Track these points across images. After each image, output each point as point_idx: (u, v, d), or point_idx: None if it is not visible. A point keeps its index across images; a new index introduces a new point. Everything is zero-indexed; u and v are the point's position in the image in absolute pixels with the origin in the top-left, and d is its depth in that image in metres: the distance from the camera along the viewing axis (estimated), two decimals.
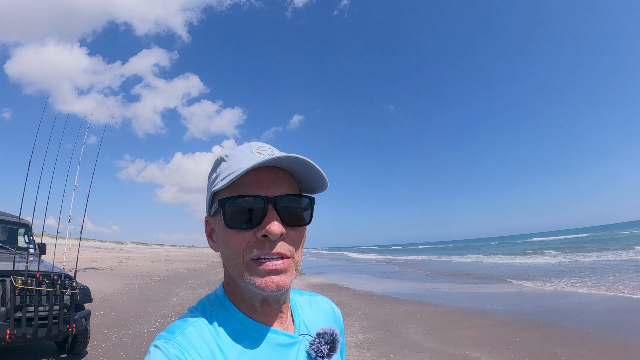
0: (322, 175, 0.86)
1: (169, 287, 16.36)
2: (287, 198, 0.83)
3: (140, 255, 46.72)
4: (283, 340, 0.89)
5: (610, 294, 11.78)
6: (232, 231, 0.82)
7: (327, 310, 1.09)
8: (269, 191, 0.82)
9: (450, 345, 7.35)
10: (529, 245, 60.40)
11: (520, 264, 27.25)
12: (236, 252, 0.82)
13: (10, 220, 7.90)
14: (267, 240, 0.80)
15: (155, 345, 0.77)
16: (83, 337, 6.47)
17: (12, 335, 5.23)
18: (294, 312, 0.99)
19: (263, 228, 0.79)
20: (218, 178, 0.85)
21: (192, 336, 0.80)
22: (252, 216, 0.80)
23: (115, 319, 9.37)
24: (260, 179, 0.82)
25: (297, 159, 0.81)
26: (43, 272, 5.80)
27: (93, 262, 26.25)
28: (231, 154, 0.87)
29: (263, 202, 0.80)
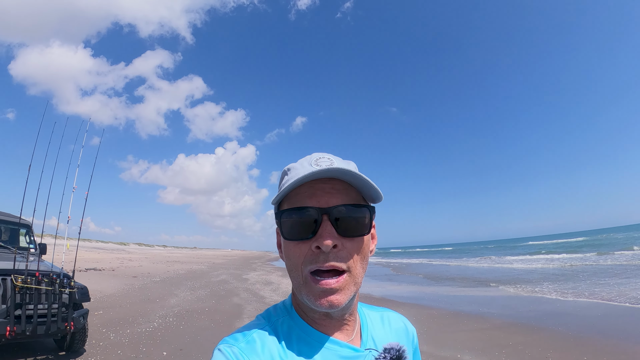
0: (373, 186, 0.84)
1: (169, 288, 16.44)
2: (342, 208, 0.82)
3: (141, 257, 46.83)
4: (346, 352, 0.88)
5: (604, 299, 11.80)
6: (290, 243, 0.83)
7: (400, 327, 1.07)
8: (324, 202, 0.82)
9: (443, 348, 7.41)
10: (525, 249, 60.25)
11: (517, 268, 27.24)
12: (295, 265, 0.83)
13: (11, 220, 8.04)
14: (321, 253, 0.80)
15: (218, 349, 0.81)
16: (81, 335, 6.58)
17: (12, 332, 5.35)
18: (362, 326, 0.98)
19: (316, 240, 0.80)
20: (280, 189, 0.87)
21: (256, 343, 0.82)
22: (307, 227, 0.81)
23: (114, 319, 9.48)
24: (316, 190, 0.82)
25: (341, 170, 0.80)
26: (42, 271, 5.93)
27: (94, 263, 26.36)
28: (292, 167, 0.89)
29: (317, 213, 0.80)
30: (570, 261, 28.85)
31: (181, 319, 9.82)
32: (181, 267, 31.03)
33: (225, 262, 47.71)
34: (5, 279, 5.72)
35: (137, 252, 64.94)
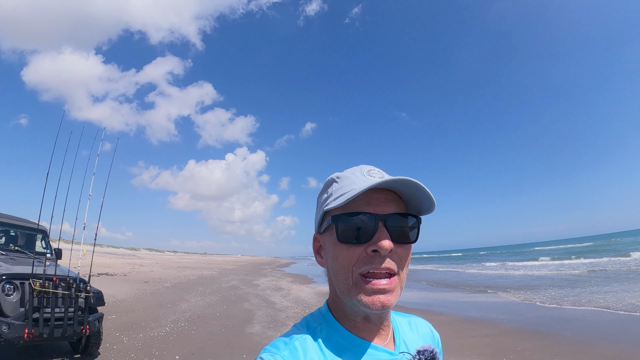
0: (431, 197, 0.89)
1: (180, 294, 16.61)
2: (396, 217, 0.88)
3: (152, 262, 47.13)
4: (384, 356, 0.92)
5: (612, 305, 11.75)
6: (343, 246, 0.86)
7: (427, 332, 1.11)
8: (380, 209, 0.87)
9: (451, 354, 7.47)
10: (532, 254, 59.69)
11: (526, 274, 27.06)
12: (345, 267, 0.86)
13: (28, 226, 8.24)
14: (377, 256, 0.84)
15: (260, 358, 0.83)
16: (96, 339, 6.75)
17: (30, 335, 5.53)
18: (395, 331, 1.02)
19: (374, 243, 0.84)
20: (330, 198, 0.91)
21: (298, 351, 0.85)
22: (364, 232, 0.85)
23: (127, 323, 9.65)
24: (371, 199, 0.87)
25: (408, 181, 0.85)
26: (59, 276, 6.12)
27: (106, 268, 26.60)
28: (343, 176, 0.94)
29: (374, 219, 0.85)
30: (579, 267, 28.59)
31: (193, 324, 9.96)
32: (192, 273, 31.26)
33: (235, 267, 47.86)
34: (23, 282, 5.91)
35: (148, 258, 65.32)
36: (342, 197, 0.87)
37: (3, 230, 8.23)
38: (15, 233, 8.25)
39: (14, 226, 8.22)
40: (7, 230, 8.24)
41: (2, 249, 7.46)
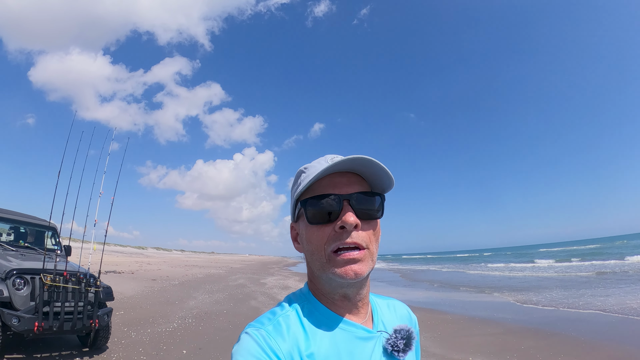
0: (388, 174, 0.96)
1: (188, 291, 16.76)
2: (359, 195, 0.95)
3: (160, 260, 47.42)
4: (361, 333, 0.97)
5: (615, 306, 11.72)
6: (314, 227, 0.94)
7: (404, 314, 1.17)
8: (343, 190, 0.94)
9: (456, 351, 7.51)
10: (537, 256, 59.28)
11: (531, 274, 26.96)
12: (318, 246, 0.93)
13: (39, 223, 8.39)
14: (345, 232, 0.91)
15: (245, 332, 0.89)
16: (104, 333, 6.87)
17: (40, 328, 5.67)
18: (374, 311, 1.08)
19: (340, 220, 0.91)
20: (299, 186, 0.98)
21: (281, 326, 0.90)
22: (330, 212, 0.93)
23: (135, 319, 9.79)
24: (335, 182, 0.95)
25: (362, 159, 0.92)
26: (70, 271, 6.25)
27: (114, 266, 26.83)
28: (309, 166, 1.01)
29: (339, 199, 0.93)
30: (582, 268, 28.46)
31: (200, 320, 10.07)
32: (199, 271, 31.46)
33: (242, 266, 48.03)
34: (34, 277, 6.04)
35: (156, 256, 65.66)
36: (305, 182, 0.95)
37: (13, 227, 8.38)
38: (25, 230, 8.39)
39: (25, 223, 8.37)
40: (17, 227, 8.39)
41: (13, 246, 7.60)
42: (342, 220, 0.90)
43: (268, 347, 0.84)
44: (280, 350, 0.85)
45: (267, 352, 0.83)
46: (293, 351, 0.86)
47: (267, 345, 0.84)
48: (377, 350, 0.98)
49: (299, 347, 0.88)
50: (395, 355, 1.00)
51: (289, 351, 0.86)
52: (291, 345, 0.87)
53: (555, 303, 13.11)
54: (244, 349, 0.84)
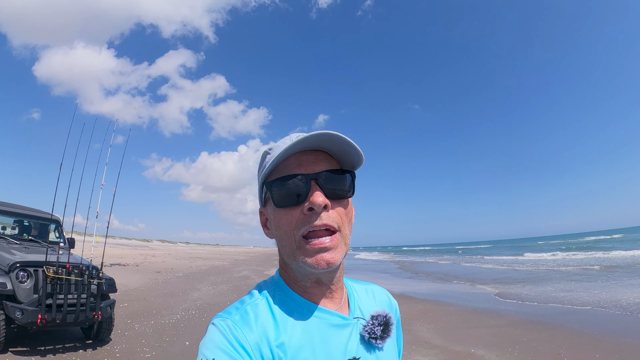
0: (356, 148, 0.90)
1: (192, 283, 16.85)
2: (327, 174, 0.89)
3: (165, 253, 47.67)
4: (336, 321, 0.93)
5: (618, 299, 11.70)
6: (281, 211, 0.89)
7: (384, 299, 1.12)
8: (310, 169, 0.89)
9: (457, 343, 7.53)
10: (541, 248, 59.04)
11: (535, 267, 26.93)
12: (287, 231, 0.88)
13: (42, 216, 8.44)
14: (314, 213, 0.86)
15: (212, 324, 0.85)
16: (108, 325, 6.92)
17: (43, 320, 5.71)
18: (350, 297, 1.03)
19: (308, 201, 0.85)
20: (265, 168, 0.92)
21: (249, 315, 0.86)
22: (298, 193, 0.87)
23: (139, 311, 9.85)
24: (301, 160, 0.89)
25: (326, 134, 0.86)
26: (73, 263, 6.28)
27: (119, 259, 27.00)
28: (274, 146, 0.95)
29: (306, 179, 0.87)
30: (586, 261, 28.38)
31: (203, 312, 10.12)
32: (204, 263, 31.63)
33: (247, 258, 48.20)
34: (37, 270, 6.08)
35: (160, 249, 66.02)
36: (271, 163, 0.89)
37: (17, 220, 8.47)
38: (28, 223, 8.49)
39: (28, 217, 8.45)
40: (21, 220, 8.48)
41: (17, 239, 7.67)
42: (310, 201, 0.85)
43: (234, 338, 0.80)
44: (247, 341, 0.81)
45: (232, 343, 0.80)
46: (261, 342, 0.83)
47: (233, 336, 0.81)
48: (354, 337, 0.94)
49: (268, 337, 0.84)
50: (373, 343, 0.95)
51: (257, 342, 0.82)
52: (259, 336, 0.83)
53: (558, 296, 13.08)
54: (210, 340, 0.81)
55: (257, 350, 0.81)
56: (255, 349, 0.81)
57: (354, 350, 0.92)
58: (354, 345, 0.93)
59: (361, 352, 0.93)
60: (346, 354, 0.90)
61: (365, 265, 39.20)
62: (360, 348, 0.93)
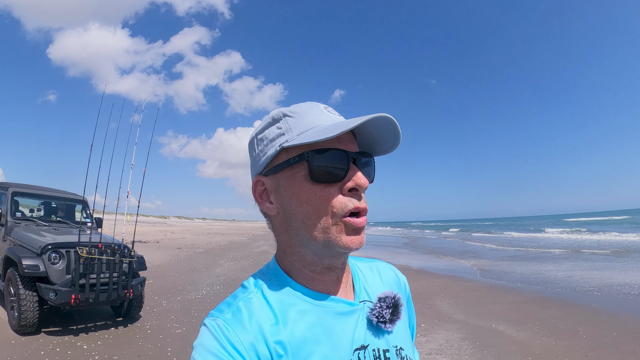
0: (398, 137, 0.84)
1: (213, 259, 17.16)
2: (363, 155, 0.85)
3: (183, 229, 48.28)
4: (342, 308, 0.85)
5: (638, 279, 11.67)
6: (317, 186, 0.79)
7: (391, 276, 1.03)
8: (349, 147, 0.81)
9: (478, 318, 7.65)
10: (562, 225, 58.52)
11: (555, 243, 26.82)
12: (321, 209, 0.78)
13: (70, 197, 8.65)
14: (355, 194, 0.80)
15: (203, 324, 0.78)
16: (138, 302, 7.14)
17: (76, 300, 5.90)
18: (355, 279, 0.94)
19: (351, 180, 0.79)
20: (290, 133, 0.81)
21: (242, 312, 0.78)
22: (339, 171, 0.79)
23: (165, 287, 10.12)
24: (340, 137, 0.80)
25: (390, 119, 0.79)
26: (104, 243, 6.45)
27: (139, 236, 27.26)
28: (298, 110, 0.84)
29: (346, 157, 0.79)
30: (610, 241, 28.03)
31: (228, 287, 10.37)
32: (222, 239, 32.07)
33: (264, 233, 48.49)
34: (69, 251, 6.26)
35: (178, 225, 66.78)
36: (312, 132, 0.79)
37: (44, 202, 8.69)
38: (55, 205, 8.70)
39: (56, 198, 8.70)
40: (48, 202, 8.69)
41: (45, 221, 7.90)
42: (355, 182, 0.79)
43: (226, 340, 0.73)
44: (241, 343, 0.73)
45: (224, 346, 0.72)
46: (257, 341, 0.74)
47: (225, 338, 0.73)
48: (361, 323, 0.86)
49: (264, 335, 0.76)
50: (382, 327, 0.87)
51: (251, 342, 0.74)
52: (254, 335, 0.75)
53: (575, 275, 13.10)
54: (201, 344, 0.74)
55: (253, 350, 0.73)
56: (249, 350, 0.73)
57: (362, 338, 0.84)
58: (361, 332, 0.85)
59: (370, 339, 0.85)
60: (354, 343, 0.82)
61: (379, 240, 39.39)
62: (369, 334, 0.86)
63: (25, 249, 6.36)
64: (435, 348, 6.01)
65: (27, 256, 6.08)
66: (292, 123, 0.82)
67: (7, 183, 8.39)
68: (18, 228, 7.18)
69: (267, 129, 0.85)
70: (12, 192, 7.83)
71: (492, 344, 6.17)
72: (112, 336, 6.30)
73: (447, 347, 6.04)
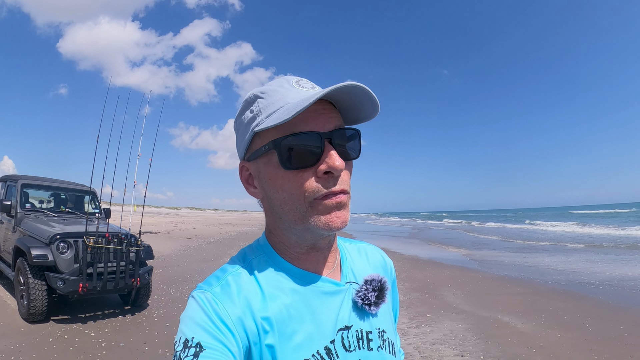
0: (374, 101, 0.78)
1: (223, 249, 17.31)
2: (340, 132, 0.78)
3: (194, 220, 48.68)
4: (328, 287, 0.85)
5: None
6: (289, 173, 0.76)
7: (378, 259, 1.03)
8: (321, 126, 0.76)
9: (484, 309, 7.63)
10: (571, 217, 57.93)
11: (563, 236, 26.58)
12: (295, 195, 0.76)
13: (78, 188, 8.78)
14: (331, 177, 0.75)
15: (192, 296, 0.76)
16: (145, 291, 7.25)
17: (84, 288, 6.03)
18: (342, 259, 0.94)
19: (324, 163, 0.74)
20: (260, 116, 0.78)
21: (230, 286, 0.77)
22: (311, 154, 0.75)
23: (173, 276, 10.25)
24: (310, 114, 0.75)
25: (354, 87, 0.73)
26: (112, 232, 6.55)
27: (150, 227, 27.64)
28: (268, 90, 0.80)
29: (319, 138, 0.75)
30: (620, 235, 27.62)
31: None
32: (233, 229, 32.31)
33: None
34: (77, 241, 6.37)
35: (189, 216, 67.39)
36: (278, 113, 0.74)
37: (53, 194, 8.88)
38: (65, 196, 8.87)
39: (65, 189, 8.86)
40: (57, 194, 8.88)
41: (54, 212, 8.06)
42: (329, 164, 0.74)
43: (214, 313, 0.72)
44: (229, 316, 0.73)
45: (212, 319, 0.72)
46: (244, 316, 0.74)
47: (214, 311, 0.73)
48: (346, 304, 0.86)
49: (252, 309, 0.75)
50: (367, 310, 0.88)
51: (239, 317, 0.74)
52: (242, 309, 0.75)
53: (585, 266, 13.00)
54: (188, 317, 0.74)
55: (240, 324, 0.73)
56: (237, 324, 0.73)
57: (346, 318, 0.85)
58: (346, 312, 0.85)
59: (353, 320, 0.86)
60: (338, 323, 0.83)
61: (387, 230, 39.33)
62: (353, 315, 0.86)
63: (34, 239, 6.48)
64: (439, 338, 6.02)
65: (35, 246, 6.20)
66: (262, 104, 0.79)
67: (16, 175, 8.52)
68: (27, 219, 7.31)
69: (243, 112, 0.83)
70: (22, 184, 7.95)
71: (497, 335, 6.15)
72: (120, 324, 6.40)
73: (451, 338, 6.05)
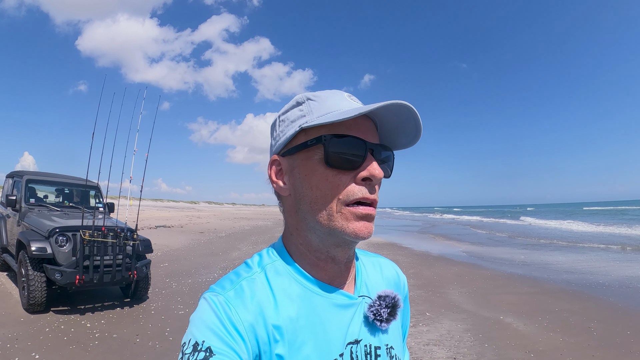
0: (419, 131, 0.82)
1: (233, 243, 17.39)
2: (382, 147, 0.83)
3: (210, 214, 49.07)
4: (341, 300, 0.85)
5: None
6: (329, 171, 0.78)
7: (392, 275, 1.03)
8: (368, 137, 0.80)
9: (487, 308, 7.49)
10: (583, 214, 56.82)
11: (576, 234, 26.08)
12: (329, 194, 0.78)
13: (82, 184, 8.95)
14: (368, 185, 0.78)
15: (204, 298, 0.77)
16: (144, 284, 7.33)
17: (80, 280, 6.14)
18: (357, 272, 0.94)
19: (366, 170, 0.78)
20: (311, 115, 0.81)
21: (244, 291, 0.77)
22: (354, 158, 0.77)
23: (178, 270, 10.32)
24: (359, 124, 0.80)
25: (408, 107, 0.76)
26: (108, 226, 6.66)
27: (165, 221, 27.94)
28: (320, 96, 0.84)
29: (364, 146, 0.78)
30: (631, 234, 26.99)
31: None
32: (247, 224, 32.42)
33: None
34: (75, 234, 6.50)
35: (207, 210, 67.94)
36: (331, 115, 0.78)
37: (59, 189, 9.16)
38: (69, 191, 9.14)
39: (69, 185, 9.12)
40: (62, 189, 9.16)
41: (58, 206, 8.31)
42: (370, 172, 0.77)
43: (226, 318, 0.72)
44: (241, 322, 0.72)
45: (224, 323, 0.71)
46: (256, 323, 0.74)
47: (226, 316, 0.72)
48: (357, 318, 0.86)
49: (265, 318, 0.75)
50: (377, 325, 0.87)
51: (251, 323, 0.73)
52: (254, 316, 0.74)
53: (593, 267, 12.65)
54: (200, 319, 0.73)
55: (252, 331, 0.73)
56: (249, 331, 0.73)
57: (356, 333, 0.84)
58: (356, 326, 0.85)
59: (363, 334, 0.86)
60: (347, 336, 0.83)
61: (400, 225, 39.05)
62: (363, 330, 0.86)
63: (35, 233, 6.64)
64: (434, 339, 5.90)
65: (35, 239, 6.34)
66: (313, 106, 0.82)
67: (22, 171, 8.82)
68: (31, 213, 7.50)
69: (289, 110, 0.86)
70: (26, 180, 8.19)
71: (496, 337, 6.00)
72: (116, 316, 6.48)
73: (447, 339, 5.92)
